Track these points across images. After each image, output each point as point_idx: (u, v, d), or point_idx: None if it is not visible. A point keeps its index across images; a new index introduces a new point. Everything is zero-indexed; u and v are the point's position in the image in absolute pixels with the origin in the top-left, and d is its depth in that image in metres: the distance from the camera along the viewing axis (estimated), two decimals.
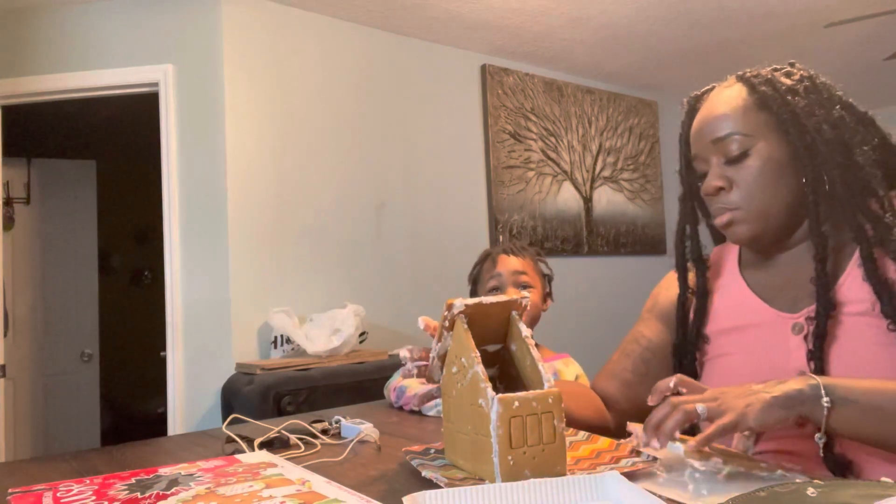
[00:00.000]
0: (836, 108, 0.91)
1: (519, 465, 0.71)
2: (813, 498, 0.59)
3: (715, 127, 0.94)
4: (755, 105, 0.93)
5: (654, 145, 4.49)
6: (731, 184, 0.93)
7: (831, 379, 0.77)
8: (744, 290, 1.00)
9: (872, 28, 3.50)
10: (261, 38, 2.88)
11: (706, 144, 0.96)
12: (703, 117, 0.97)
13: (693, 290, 1.06)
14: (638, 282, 3.94)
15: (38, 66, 2.82)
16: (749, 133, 0.92)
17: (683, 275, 1.07)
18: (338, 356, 2.62)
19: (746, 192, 0.92)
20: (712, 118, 0.95)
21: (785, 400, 0.74)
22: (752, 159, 0.92)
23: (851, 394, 0.74)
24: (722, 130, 0.93)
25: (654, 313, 1.12)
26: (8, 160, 3.18)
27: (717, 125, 0.94)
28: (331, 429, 1.08)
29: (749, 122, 0.92)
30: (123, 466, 0.93)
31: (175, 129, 2.78)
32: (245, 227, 2.76)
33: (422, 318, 0.87)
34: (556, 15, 3.25)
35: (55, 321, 3.85)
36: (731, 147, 0.93)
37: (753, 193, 0.92)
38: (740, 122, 0.93)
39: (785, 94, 0.92)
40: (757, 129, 0.92)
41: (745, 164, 0.92)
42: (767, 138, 0.92)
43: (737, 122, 0.93)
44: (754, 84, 0.94)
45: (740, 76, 0.98)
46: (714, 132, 0.94)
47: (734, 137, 0.92)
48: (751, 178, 0.92)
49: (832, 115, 0.90)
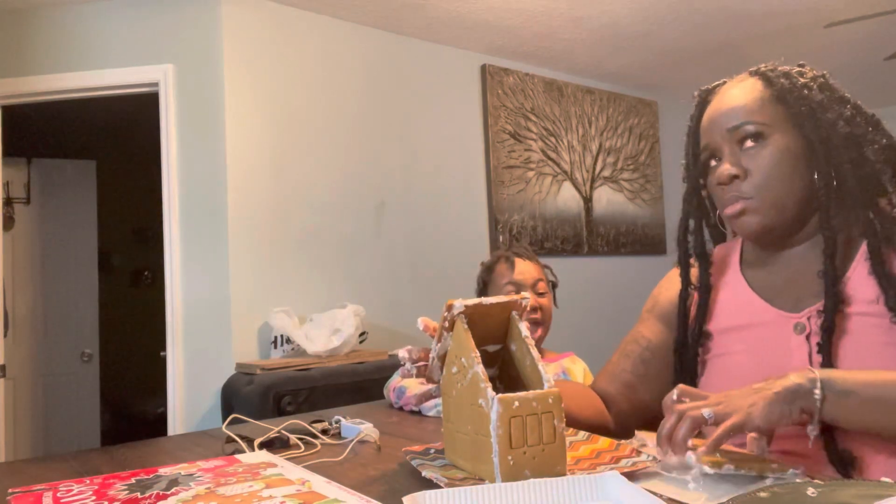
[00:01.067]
0: (848, 106, 0.92)
1: (519, 465, 0.71)
2: (813, 498, 0.59)
3: (731, 116, 0.94)
4: (772, 97, 0.93)
5: (654, 145, 4.49)
6: (746, 173, 0.93)
7: (831, 372, 0.78)
8: (745, 290, 1.00)
9: (872, 28, 3.50)
10: (261, 38, 2.88)
11: (721, 134, 0.95)
12: (717, 108, 0.97)
13: (695, 285, 1.05)
14: (638, 282, 3.94)
15: (38, 66, 2.82)
16: (765, 123, 0.92)
17: (686, 270, 1.06)
18: (338, 356, 2.62)
19: (762, 181, 0.92)
20: (728, 108, 0.95)
21: (786, 395, 0.75)
22: (768, 149, 0.92)
23: (850, 385, 0.75)
24: (738, 119, 0.94)
25: (654, 313, 1.12)
26: (8, 160, 3.18)
27: (733, 114, 0.94)
28: (331, 429, 1.08)
29: (766, 113, 0.93)
30: (123, 466, 0.93)
31: (175, 129, 2.78)
32: (245, 226, 2.76)
33: (421, 318, 0.87)
34: (556, 15, 3.25)
35: (55, 321, 3.85)
36: (746, 135, 0.93)
37: (769, 183, 0.92)
38: (757, 113, 0.93)
39: (801, 88, 0.92)
40: (773, 120, 0.92)
41: (761, 154, 0.92)
42: (783, 130, 0.92)
43: (753, 113, 0.93)
44: (770, 78, 0.95)
45: (754, 71, 0.98)
46: (730, 121, 0.94)
47: (749, 126, 0.93)
48: (767, 168, 0.92)
49: (845, 112, 0.91)
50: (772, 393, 0.75)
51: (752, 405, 0.74)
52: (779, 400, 0.75)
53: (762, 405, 0.74)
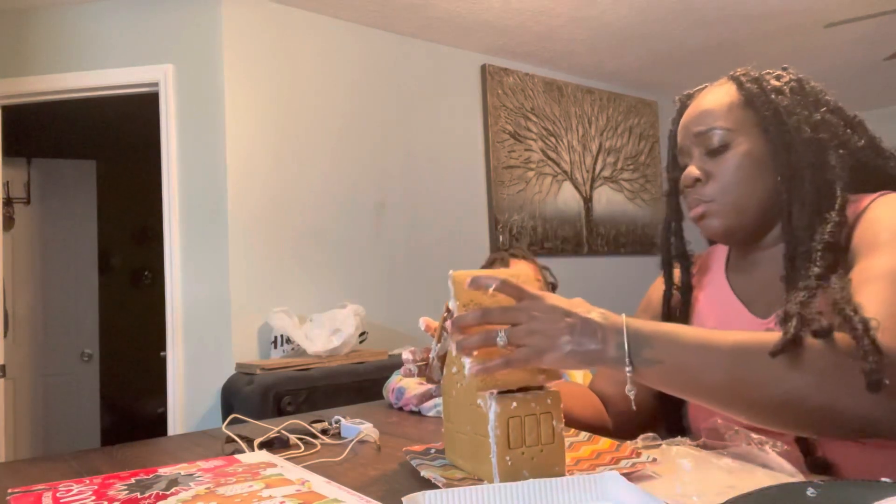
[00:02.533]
0: (822, 110, 0.92)
1: (517, 465, 0.71)
2: (813, 498, 0.59)
3: (699, 121, 0.96)
4: (740, 102, 0.94)
5: (654, 145, 4.49)
6: (709, 176, 0.95)
7: (642, 331, 0.73)
8: (728, 293, 1.01)
9: (872, 28, 3.50)
10: (261, 38, 2.89)
11: (689, 137, 0.97)
12: (690, 112, 0.99)
13: (678, 286, 1.06)
14: (638, 282, 3.93)
15: (38, 66, 2.82)
16: (731, 128, 0.93)
17: (669, 271, 1.08)
18: (338, 356, 2.62)
19: (722, 185, 0.93)
20: (698, 113, 0.97)
21: (586, 356, 0.71)
22: (731, 153, 0.93)
23: (658, 354, 0.71)
24: (705, 124, 0.95)
25: (649, 313, 1.12)
26: (8, 160, 3.18)
27: (702, 119, 0.96)
28: (331, 429, 1.08)
29: (732, 117, 0.94)
30: (123, 466, 0.93)
31: (175, 129, 2.78)
32: (245, 227, 2.76)
33: (423, 318, 0.87)
34: (556, 15, 3.25)
35: (55, 321, 3.85)
36: (711, 140, 0.94)
37: (729, 187, 0.93)
38: (723, 118, 0.94)
39: (770, 92, 0.93)
40: (739, 124, 0.93)
41: (723, 158, 0.94)
42: (748, 134, 0.93)
43: (720, 117, 0.94)
44: (742, 82, 0.96)
45: (731, 75, 0.99)
46: (697, 125, 0.96)
47: (715, 131, 0.94)
48: (728, 172, 0.93)
49: (814, 116, 0.91)
50: (571, 349, 0.70)
51: (547, 352, 0.70)
52: (577, 358, 0.71)
53: (556, 356, 0.70)
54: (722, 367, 0.71)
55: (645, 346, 0.72)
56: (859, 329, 0.68)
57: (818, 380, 0.68)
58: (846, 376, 0.67)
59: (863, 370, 0.66)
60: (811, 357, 0.69)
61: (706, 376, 0.71)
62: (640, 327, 0.73)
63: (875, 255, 0.79)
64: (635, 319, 0.74)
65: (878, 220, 0.84)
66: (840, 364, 0.68)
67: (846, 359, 0.68)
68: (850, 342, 0.68)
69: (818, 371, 0.69)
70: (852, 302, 0.72)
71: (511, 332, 0.71)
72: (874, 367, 0.65)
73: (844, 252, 0.84)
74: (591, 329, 0.72)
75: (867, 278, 0.77)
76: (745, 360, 0.70)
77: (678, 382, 0.73)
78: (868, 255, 0.80)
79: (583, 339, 0.71)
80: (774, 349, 0.69)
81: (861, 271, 0.79)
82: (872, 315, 0.70)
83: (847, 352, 0.68)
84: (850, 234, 0.85)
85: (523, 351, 0.71)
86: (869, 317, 0.69)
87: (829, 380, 0.68)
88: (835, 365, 0.68)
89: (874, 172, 0.93)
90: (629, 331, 0.73)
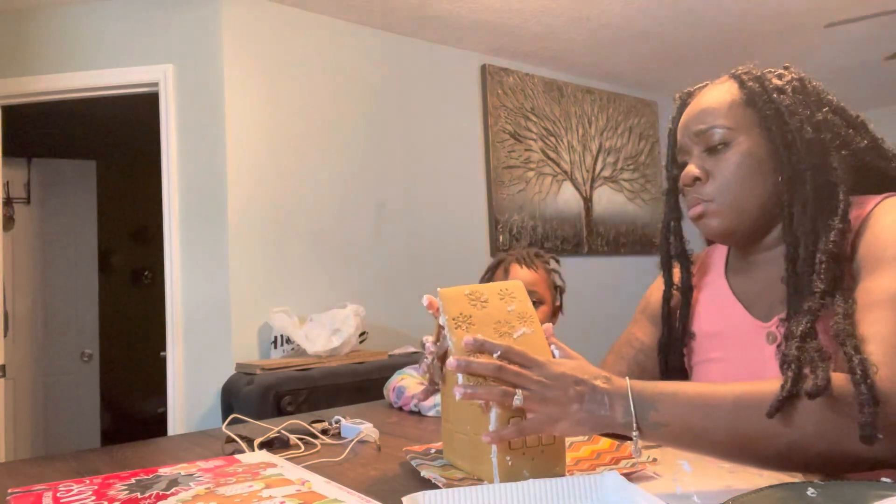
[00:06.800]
0: (824, 110, 0.91)
1: (517, 465, 0.71)
2: (813, 498, 0.59)
3: (699, 119, 0.95)
4: (742, 101, 0.94)
5: (653, 145, 4.49)
6: (708, 175, 0.94)
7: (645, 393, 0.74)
8: (727, 294, 1.00)
9: (872, 28, 3.50)
10: (260, 38, 2.89)
11: (689, 136, 0.96)
12: (691, 110, 0.98)
13: (678, 286, 1.06)
14: (638, 282, 3.94)
15: (38, 66, 2.82)
16: (731, 127, 0.92)
17: (668, 271, 1.07)
18: (338, 356, 2.62)
19: (722, 184, 0.92)
20: (698, 111, 0.96)
21: (596, 423, 0.73)
22: (731, 152, 0.92)
23: (663, 416, 0.72)
24: (705, 122, 0.94)
25: (647, 314, 1.12)
26: (8, 160, 3.18)
27: (702, 117, 0.95)
28: (331, 429, 1.08)
29: (733, 116, 0.93)
30: (123, 466, 0.93)
31: (175, 129, 2.78)
32: (245, 226, 2.76)
33: (426, 296, 0.86)
34: (556, 15, 3.25)
35: (55, 321, 3.85)
36: (712, 139, 0.93)
37: (729, 186, 0.92)
38: (724, 116, 0.93)
39: (772, 91, 0.92)
40: (740, 123, 0.92)
41: (724, 157, 0.93)
42: (749, 133, 0.92)
43: (721, 116, 0.93)
44: (744, 80, 0.95)
45: (733, 74, 0.98)
46: (698, 124, 0.95)
47: (716, 130, 0.93)
48: (728, 171, 0.92)
49: (816, 116, 0.90)
50: (581, 417, 0.72)
51: (559, 421, 0.72)
52: (587, 425, 0.72)
53: (567, 425, 0.72)
54: (724, 425, 0.71)
55: (650, 409, 0.73)
56: (858, 374, 0.67)
57: (817, 430, 0.69)
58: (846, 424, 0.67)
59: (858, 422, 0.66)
60: (808, 412, 0.69)
61: (710, 435, 0.72)
62: (643, 390, 0.74)
63: (880, 274, 0.79)
64: (637, 382, 0.75)
65: (884, 229, 0.82)
66: (839, 411, 0.68)
67: (844, 405, 0.68)
68: (849, 387, 0.68)
69: (815, 423, 0.69)
70: (854, 336, 0.72)
71: (524, 398, 0.72)
72: (868, 421, 0.65)
73: (849, 261, 0.83)
74: (598, 396, 0.73)
75: (872, 303, 0.76)
76: (745, 417, 0.71)
77: (685, 442, 0.73)
78: (873, 273, 0.79)
79: (592, 407, 0.73)
80: (770, 410, 0.69)
81: (866, 292, 0.78)
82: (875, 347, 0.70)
83: (845, 397, 0.68)
84: (854, 241, 0.84)
85: (537, 418, 0.72)
86: (869, 358, 0.69)
87: (828, 429, 0.69)
88: (833, 415, 0.68)
89: (877, 174, 0.92)
90: (633, 395, 0.73)
